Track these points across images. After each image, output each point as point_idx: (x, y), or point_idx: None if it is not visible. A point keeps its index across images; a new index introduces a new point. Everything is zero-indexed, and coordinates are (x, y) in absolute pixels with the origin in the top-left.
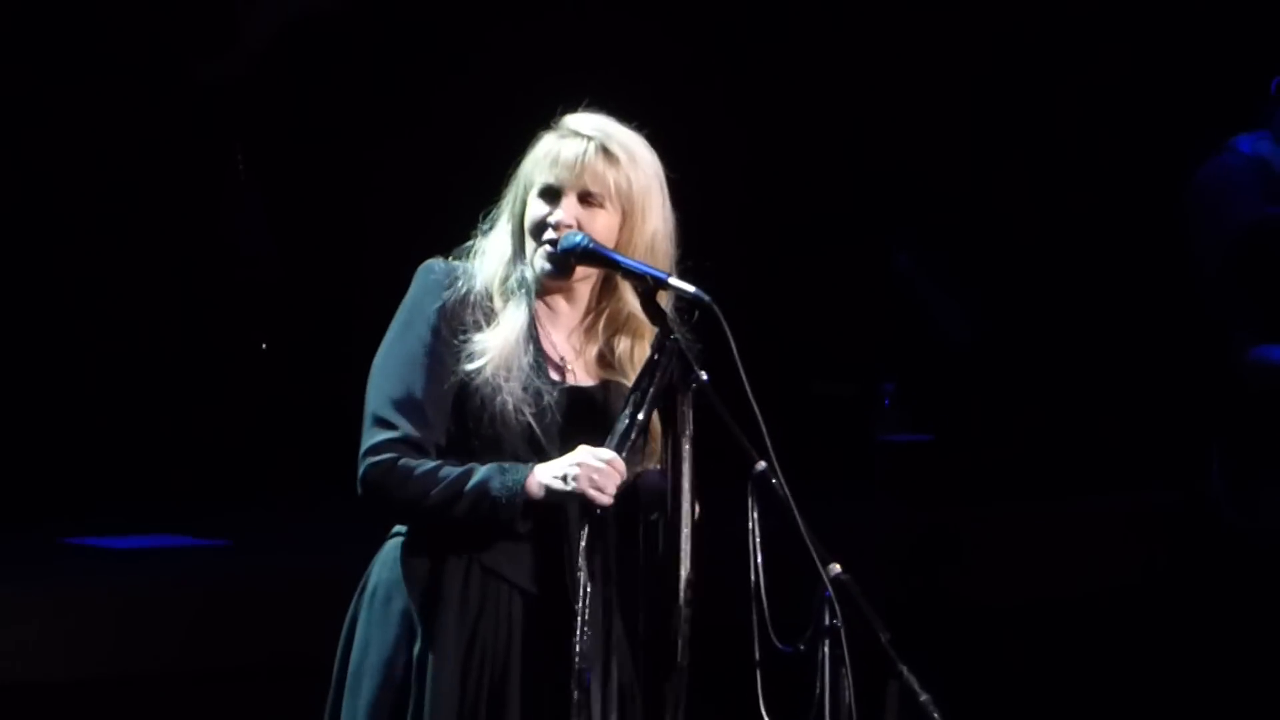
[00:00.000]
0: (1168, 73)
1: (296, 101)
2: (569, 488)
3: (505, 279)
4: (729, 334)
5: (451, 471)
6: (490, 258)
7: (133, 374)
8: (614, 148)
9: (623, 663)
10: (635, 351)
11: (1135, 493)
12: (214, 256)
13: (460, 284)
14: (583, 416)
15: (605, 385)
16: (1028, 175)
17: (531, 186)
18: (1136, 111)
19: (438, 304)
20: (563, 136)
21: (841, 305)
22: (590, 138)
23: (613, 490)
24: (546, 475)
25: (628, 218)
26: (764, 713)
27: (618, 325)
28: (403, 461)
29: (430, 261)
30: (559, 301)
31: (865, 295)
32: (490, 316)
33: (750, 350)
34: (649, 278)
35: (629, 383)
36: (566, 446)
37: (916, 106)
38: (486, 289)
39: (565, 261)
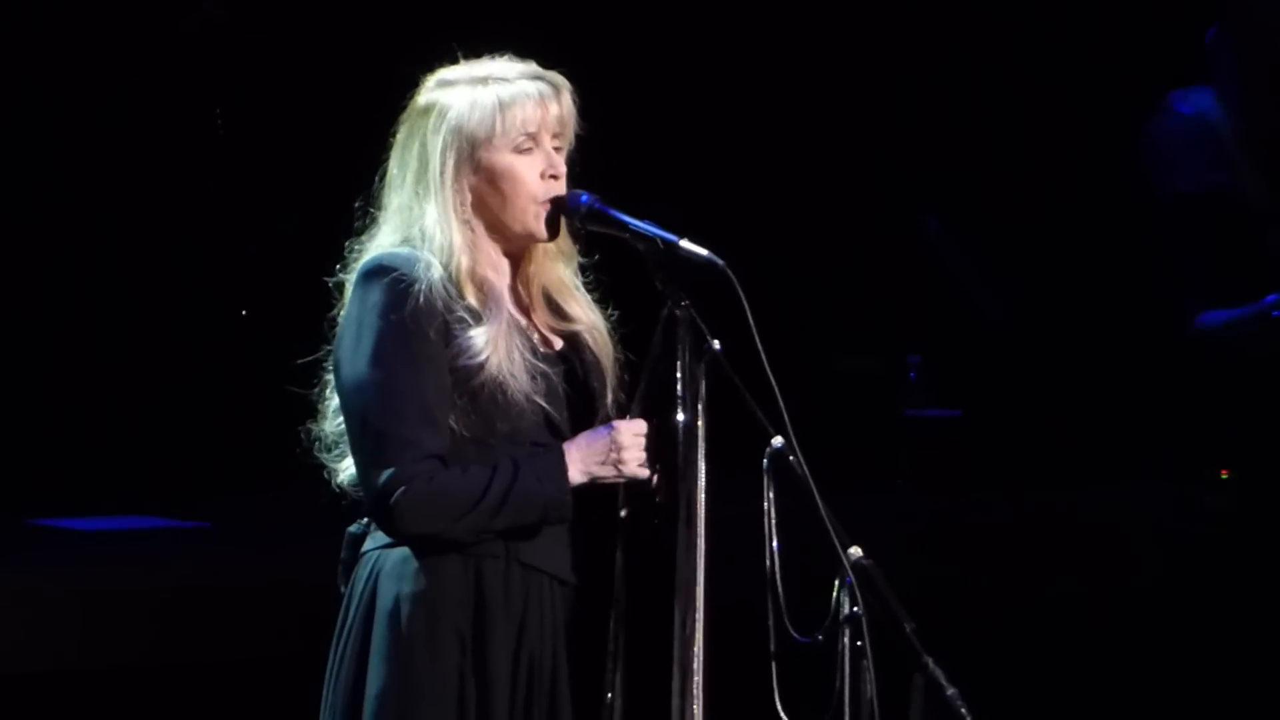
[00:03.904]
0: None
1: (281, 57)
2: (618, 474)
3: (473, 263)
4: (744, 301)
5: (480, 480)
6: (444, 241)
7: (105, 346)
8: (564, 82)
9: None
10: (569, 297)
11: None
12: (191, 224)
13: (421, 279)
14: (576, 381)
15: (574, 341)
16: (1058, 148)
17: (483, 145)
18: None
19: (412, 306)
20: (509, 83)
21: (865, 273)
22: (541, 77)
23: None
24: (589, 463)
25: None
26: (780, 708)
27: (545, 273)
28: (433, 484)
29: (378, 262)
30: (504, 265)
31: (890, 262)
32: (460, 304)
33: (766, 320)
34: (659, 240)
35: (584, 333)
36: (574, 416)
37: (943, 74)
38: (451, 276)
39: (558, 221)
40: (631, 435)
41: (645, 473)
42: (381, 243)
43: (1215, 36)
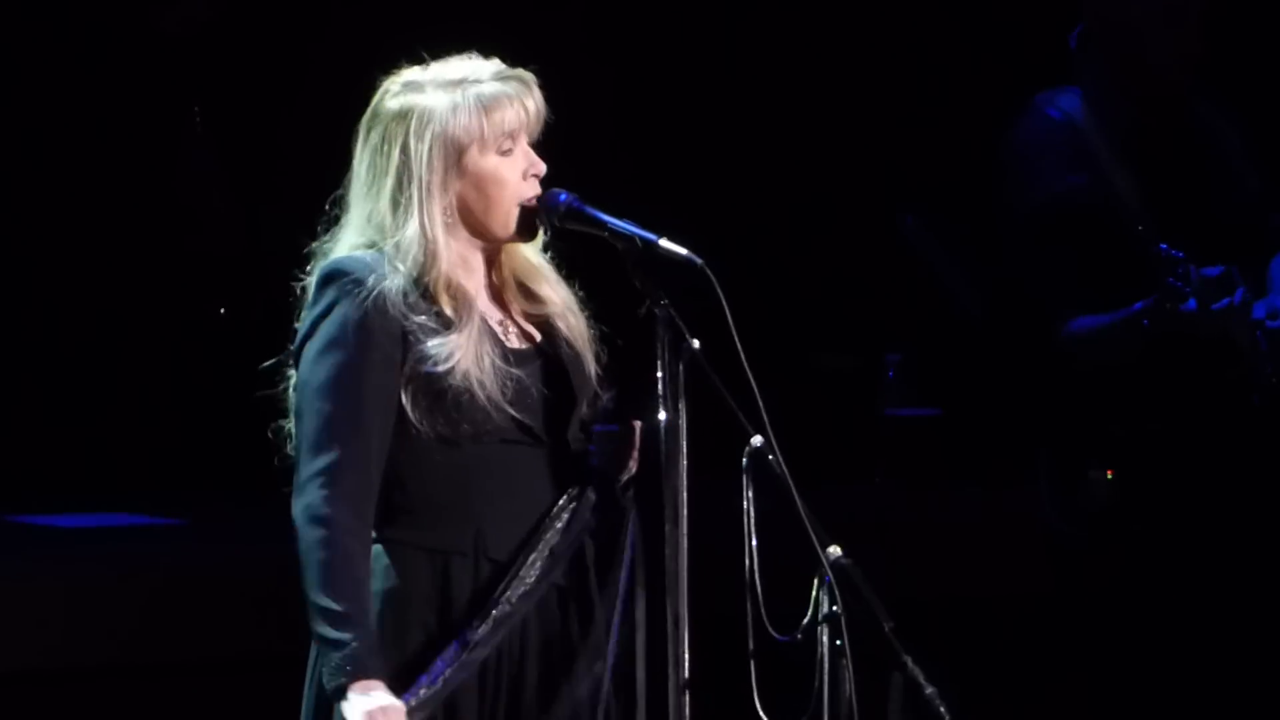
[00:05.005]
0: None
1: (260, 55)
2: None
3: (450, 269)
4: (723, 300)
5: (341, 597)
6: (421, 250)
7: (84, 343)
8: (531, 78)
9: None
10: (538, 279)
11: None
12: (170, 222)
13: (375, 284)
14: (556, 377)
15: (550, 331)
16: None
17: (469, 149)
18: None
19: (362, 311)
20: (483, 84)
21: (844, 271)
22: (513, 76)
23: None
24: (360, 704)
25: None
26: (759, 707)
27: (514, 259)
28: (333, 536)
29: (334, 266)
30: (479, 263)
31: (869, 260)
32: (429, 310)
33: (745, 319)
34: (638, 239)
35: (557, 318)
36: (549, 416)
37: (922, 70)
38: (426, 286)
39: (534, 223)
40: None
41: None
42: (347, 244)
43: (1080, 37)
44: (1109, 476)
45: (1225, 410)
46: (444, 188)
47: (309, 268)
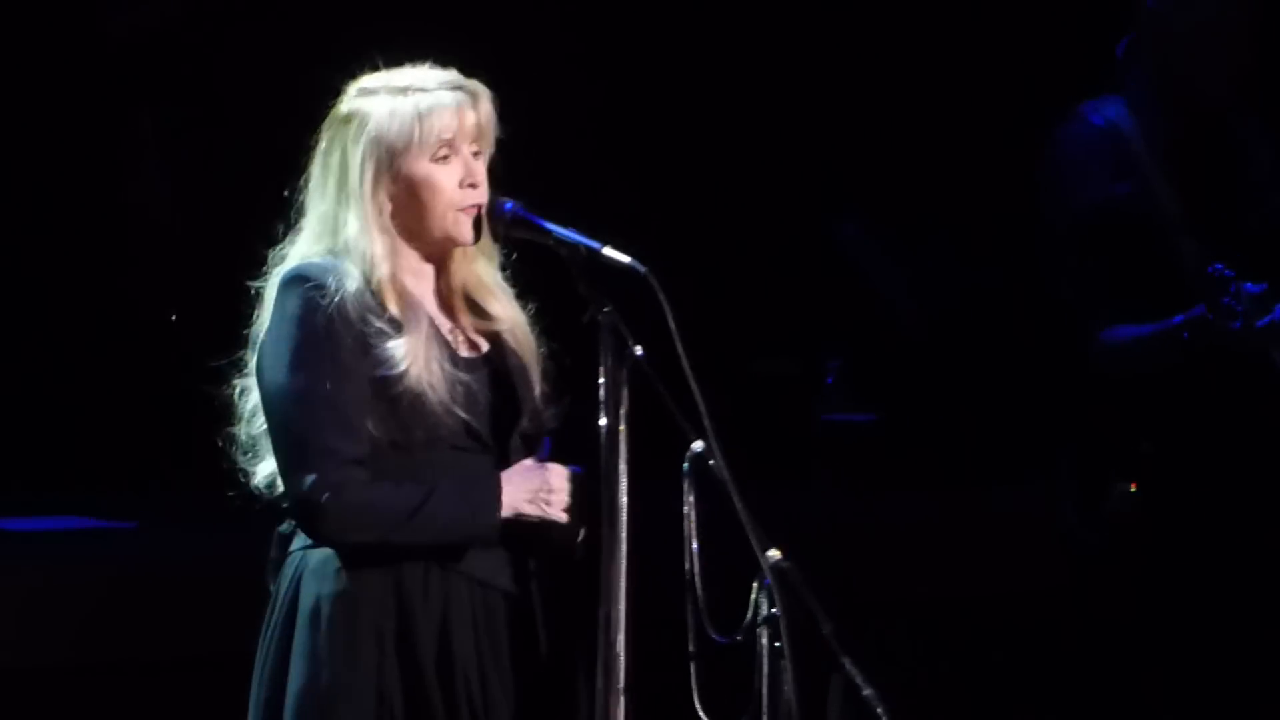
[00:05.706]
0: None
1: (209, 59)
2: (543, 514)
3: (394, 271)
4: (666, 306)
5: (413, 499)
6: (365, 250)
7: (31, 344)
8: (483, 90)
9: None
10: (488, 295)
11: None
12: (117, 224)
13: (336, 290)
14: (502, 386)
15: (497, 342)
16: (985, 142)
17: (401, 154)
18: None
19: (327, 316)
20: (427, 92)
21: (783, 277)
22: (460, 86)
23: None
24: (517, 499)
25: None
26: (699, 709)
27: (465, 273)
28: (365, 494)
29: (295, 272)
30: (426, 270)
31: (808, 266)
32: (381, 315)
33: (686, 325)
34: (582, 247)
35: (505, 330)
36: (495, 422)
37: (863, 73)
38: (372, 287)
39: (481, 226)
40: (562, 480)
41: (565, 518)
42: (302, 250)
43: (1128, 47)
44: (1132, 490)
45: (1255, 427)
46: (376, 190)
47: (264, 270)
